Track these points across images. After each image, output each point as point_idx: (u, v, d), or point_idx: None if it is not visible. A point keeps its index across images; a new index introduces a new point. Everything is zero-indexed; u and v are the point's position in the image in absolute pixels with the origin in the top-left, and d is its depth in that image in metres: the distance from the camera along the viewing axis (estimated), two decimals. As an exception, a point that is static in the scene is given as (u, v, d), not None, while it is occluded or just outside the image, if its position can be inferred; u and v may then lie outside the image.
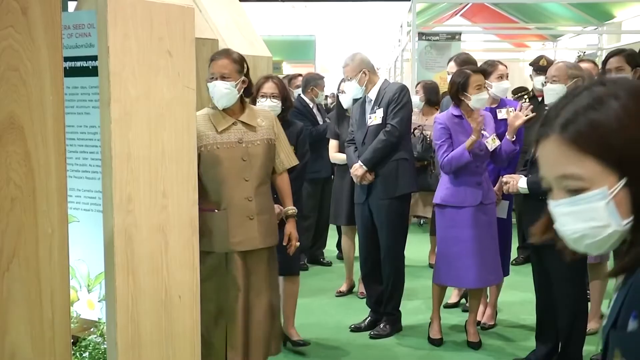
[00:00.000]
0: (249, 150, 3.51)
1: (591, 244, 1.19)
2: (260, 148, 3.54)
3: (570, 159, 1.15)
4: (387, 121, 4.61)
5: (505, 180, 3.97)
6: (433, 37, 9.08)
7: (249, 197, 3.49)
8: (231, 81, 3.46)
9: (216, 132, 3.49)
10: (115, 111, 2.79)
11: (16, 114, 1.77)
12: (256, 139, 3.54)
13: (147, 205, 2.94)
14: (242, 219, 3.49)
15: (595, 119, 1.13)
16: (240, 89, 3.51)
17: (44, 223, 1.86)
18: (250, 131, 3.54)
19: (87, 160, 3.08)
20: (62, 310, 1.93)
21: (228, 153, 3.48)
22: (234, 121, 3.53)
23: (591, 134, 1.13)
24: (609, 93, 1.15)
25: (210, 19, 5.05)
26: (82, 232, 3.12)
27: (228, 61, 3.49)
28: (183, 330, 3.14)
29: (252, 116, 3.59)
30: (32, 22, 1.79)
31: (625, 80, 1.20)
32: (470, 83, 4.29)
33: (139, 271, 2.92)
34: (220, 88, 3.45)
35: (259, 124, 3.57)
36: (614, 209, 1.14)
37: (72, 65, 3.06)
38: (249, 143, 3.52)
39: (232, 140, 3.50)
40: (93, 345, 3.07)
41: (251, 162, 3.51)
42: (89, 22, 2.95)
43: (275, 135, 3.64)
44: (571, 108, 1.17)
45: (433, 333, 4.58)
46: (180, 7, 3.03)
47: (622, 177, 1.13)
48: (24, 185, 1.81)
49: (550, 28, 13.34)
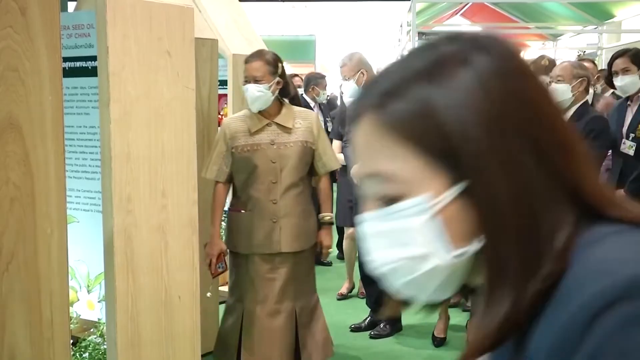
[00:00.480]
0: (281, 152, 3.42)
1: (410, 284, 0.76)
2: (293, 150, 3.44)
3: (385, 151, 0.75)
4: None
5: None
6: (433, 36, 9.05)
7: (274, 199, 3.41)
8: (264, 84, 3.38)
9: (249, 133, 3.43)
10: (115, 111, 2.79)
11: (15, 113, 1.77)
12: (290, 141, 3.44)
13: (146, 205, 2.94)
14: (266, 221, 3.42)
15: (427, 94, 0.73)
16: (275, 90, 3.42)
17: (43, 223, 1.86)
18: (284, 133, 3.45)
19: (86, 160, 3.08)
20: (61, 311, 1.93)
21: (258, 155, 3.41)
22: (267, 122, 3.45)
23: (417, 115, 0.73)
24: (458, 56, 0.74)
25: (209, 19, 5.05)
26: (81, 233, 3.12)
27: (261, 63, 3.42)
28: (183, 331, 3.14)
29: (289, 117, 3.49)
30: (31, 22, 1.79)
31: (494, 38, 0.78)
32: None
33: (139, 271, 2.92)
34: (253, 91, 3.38)
35: (294, 126, 3.47)
36: (441, 230, 0.73)
37: (71, 66, 3.06)
38: (282, 145, 3.43)
39: (264, 141, 3.42)
40: (93, 345, 3.08)
41: (281, 164, 3.42)
42: (89, 22, 2.95)
43: (314, 137, 3.51)
44: (397, 75, 0.76)
45: (437, 331, 4.55)
46: (179, 7, 3.03)
47: (460, 181, 0.72)
48: (23, 186, 1.81)
49: (550, 27, 13.34)
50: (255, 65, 3.42)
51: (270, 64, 3.42)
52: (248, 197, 3.44)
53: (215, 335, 4.27)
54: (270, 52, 3.53)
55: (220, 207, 3.56)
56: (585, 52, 11.12)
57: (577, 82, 3.78)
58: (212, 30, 4.69)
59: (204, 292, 3.43)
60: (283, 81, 3.46)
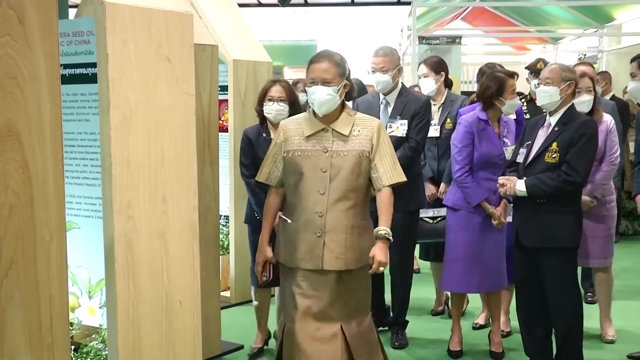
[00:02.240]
0: (333, 160, 3.12)
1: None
2: (347, 160, 3.13)
3: None
4: (411, 135, 4.35)
5: (501, 182, 3.84)
6: (433, 40, 9.08)
7: (320, 212, 3.11)
8: (333, 86, 3.12)
9: (303, 137, 3.18)
10: (115, 117, 2.80)
11: (13, 121, 1.77)
12: (344, 149, 3.14)
13: (147, 211, 2.94)
14: (310, 235, 3.13)
15: None
16: (342, 94, 3.18)
17: (42, 230, 1.87)
18: (339, 140, 3.16)
19: (87, 166, 3.09)
20: (61, 316, 1.93)
21: (308, 161, 3.14)
22: (324, 127, 3.17)
23: None
24: None
25: (209, 25, 5.07)
26: (82, 239, 3.13)
27: (330, 64, 3.15)
28: (184, 336, 3.14)
29: (347, 123, 3.19)
30: (29, 30, 1.80)
31: None
32: (506, 87, 4.18)
33: (140, 277, 2.92)
34: (322, 94, 3.11)
35: (352, 133, 3.16)
36: None
37: (71, 72, 3.07)
38: (335, 153, 3.13)
39: (317, 148, 3.15)
40: (94, 351, 3.08)
41: (332, 173, 3.12)
42: (88, 29, 2.96)
43: (372, 147, 3.17)
44: None
45: (453, 345, 4.47)
46: (179, 14, 3.04)
47: None
48: (22, 193, 1.81)
49: (550, 31, 13.36)
50: (323, 66, 3.16)
51: (339, 65, 3.18)
52: (294, 206, 3.19)
53: (217, 340, 4.28)
54: (337, 53, 3.26)
55: (269, 211, 3.33)
56: (586, 55, 11.13)
57: (565, 85, 3.74)
58: (212, 36, 4.70)
59: (204, 297, 3.42)
60: (350, 83, 3.23)
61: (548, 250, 3.75)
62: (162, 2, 3.00)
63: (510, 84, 4.20)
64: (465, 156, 4.19)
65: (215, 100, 4.19)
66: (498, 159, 4.18)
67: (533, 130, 3.91)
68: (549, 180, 3.67)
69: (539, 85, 3.87)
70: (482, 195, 4.17)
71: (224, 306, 4.88)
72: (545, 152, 3.73)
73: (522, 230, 3.84)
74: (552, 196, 3.70)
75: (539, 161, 3.76)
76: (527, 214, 3.81)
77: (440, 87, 4.98)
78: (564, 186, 3.66)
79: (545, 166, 3.72)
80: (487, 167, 4.20)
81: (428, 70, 4.97)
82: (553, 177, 3.67)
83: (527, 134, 3.95)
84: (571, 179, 3.64)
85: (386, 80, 4.40)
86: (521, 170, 3.84)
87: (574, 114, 3.79)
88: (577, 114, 3.84)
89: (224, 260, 5.38)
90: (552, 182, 3.66)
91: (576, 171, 3.64)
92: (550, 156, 3.71)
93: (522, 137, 4.01)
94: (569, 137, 3.68)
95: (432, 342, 4.67)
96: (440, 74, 4.96)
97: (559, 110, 3.77)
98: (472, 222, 4.21)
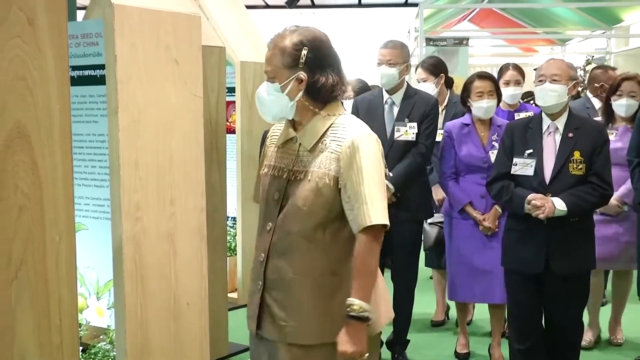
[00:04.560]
0: (289, 185, 2.24)
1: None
2: (303, 185, 2.19)
3: None
4: (420, 140, 4.02)
5: (538, 203, 3.23)
6: (441, 42, 9.07)
7: (261, 255, 2.26)
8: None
9: (275, 148, 2.35)
10: (123, 119, 2.81)
11: (23, 123, 1.78)
12: (304, 170, 2.21)
13: (155, 212, 2.95)
14: (253, 285, 2.31)
15: None
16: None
17: (52, 231, 1.88)
18: (305, 156, 2.23)
19: (95, 168, 3.10)
20: (70, 317, 1.94)
21: (267, 183, 2.32)
22: (293, 136, 2.28)
23: None
24: None
25: (217, 27, 5.08)
26: (90, 240, 3.14)
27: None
28: (192, 337, 3.15)
29: (317, 132, 2.22)
30: (38, 32, 1.81)
31: None
32: (471, 89, 4.03)
33: (148, 278, 2.93)
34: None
35: (319, 147, 2.21)
36: None
37: (80, 74, 3.09)
38: (294, 174, 2.23)
39: (280, 165, 2.29)
40: (102, 352, 3.09)
41: (282, 203, 2.24)
42: (97, 31, 2.97)
43: (340, 170, 2.16)
44: None
45: (460, 347, 4.43)
46: (186, 15, 3.05)
47: None
48: (32, 194, 1.82)
49: (558, 32, 13.31)
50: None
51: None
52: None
53: (224, 341, 4.28)
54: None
55: None
56: (594, 56, 11.10)
57: (572, 85, 3.36)
58: (220, 38, 4.71)
59: (212, 298, 3.42)
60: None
61: (579, 276, 3.38)
62: (170, 4, 3.01)
63: (474, 86, 4.05)
64: (447, 161, 4.13)
65: (222, 102, 4.20)
66: (481, 162, 4.03)
67: (525, 136, 3.40)
68: (587, 195, 3.25)
69: (542, 82, 3.37)
70: (464, 200, 4.06)
71: (232, 308, 4.88)
72: (568, 162, 3.27)
73: (555, 254, 3.29)
74: (589, 213, 3.39)
75: (563, 173, 3.28)
76: (558, 237, 3.29)
77: (442, 89, 4.73)
78: (601, 201, 3.33)
79: (574, 180, 3.26)
80: (473, 171, 4.08)
81: (426, 74, 4.71)
82: (589, 191, 3.25)
83: (518, 141, 3.41)
84: (607, 193, 3.31)
85: (392, 74, 4.04)
86: (541, 185, 3.31)
87: (578, 116, 3.46)
88: (579, 115, 3.56)
89: (231, 261, 5.38)
90: (591, 197, 3.25)
91: (607, 183, 3.29)
92: (576, 167, 3.26)
93: (509, 144, 3.44)
94: (590, 144, 3.28)
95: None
96: (440, 76, 4.70)
97: (563, 113, 3.36)
98: (473, 230, 4.09)
